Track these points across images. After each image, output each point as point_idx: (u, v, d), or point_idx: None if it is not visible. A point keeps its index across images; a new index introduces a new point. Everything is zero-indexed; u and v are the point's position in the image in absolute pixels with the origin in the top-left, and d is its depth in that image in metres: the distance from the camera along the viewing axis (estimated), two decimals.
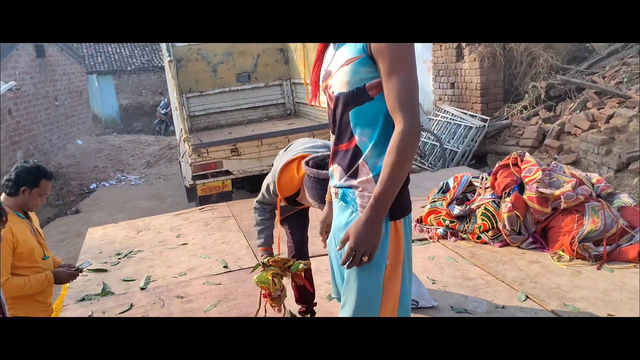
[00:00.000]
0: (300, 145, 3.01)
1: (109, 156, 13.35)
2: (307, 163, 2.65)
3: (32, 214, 3.08)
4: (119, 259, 4.50)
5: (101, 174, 11.66)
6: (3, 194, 2.91)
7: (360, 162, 1.74)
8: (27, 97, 11.15)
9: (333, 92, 1.80)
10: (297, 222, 3.17)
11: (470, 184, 4.48)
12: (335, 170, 1.84)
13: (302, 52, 7.36)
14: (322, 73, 1.91)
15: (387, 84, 1.66)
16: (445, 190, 4.62)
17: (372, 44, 1.67)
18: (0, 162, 9.23)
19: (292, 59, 8.05)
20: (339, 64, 1.77)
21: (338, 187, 1.82)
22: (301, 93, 7.95)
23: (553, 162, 4.40)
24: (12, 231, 2.76)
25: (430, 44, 9.69)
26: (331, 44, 1.88)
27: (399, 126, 1.64)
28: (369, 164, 1.72)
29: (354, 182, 1.75)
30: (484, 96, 8.55)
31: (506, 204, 3.97)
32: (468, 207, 4.25)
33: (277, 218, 3.08)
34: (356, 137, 1.76)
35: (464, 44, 8.71)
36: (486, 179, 4.37)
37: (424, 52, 9.98)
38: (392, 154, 1.61)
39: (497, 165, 4.40)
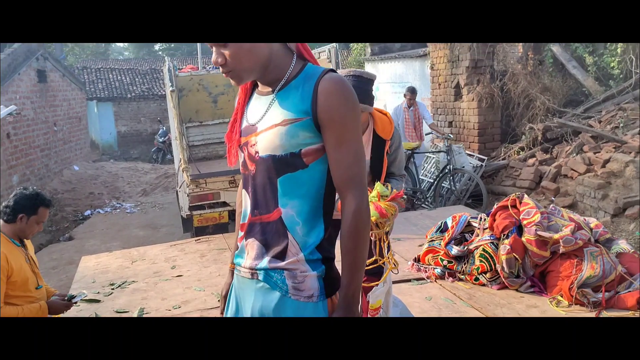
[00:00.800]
0: None
1: (105, 183, 13.32)
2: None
3: (27, 242, 3.05)
4: (112, 289, 4.44)
5: (96, 201, 11.61)
6: (0, 221, 2.89)
7: (289, 241, 1.51)
8: (26, 121, 11.18)
9: (257, 153, 1.55)
10: None
11: (469, 224, 4.47)
12: (249, 246, 1.58)
13: None
14: (243, 125, 1.63)
15: (336, 154, 1.49)
16: (443, 229, 4.60)
17: (320, 107, 1.48)
18: None
19: None
20: (272, 121, 1.53)
21: (257, 269, 1.55)
22: None
23: (551, 205, 4.40)
24: (7, 259, 2.73)
25: (429, 82, 9.82)
26: (256, 93, 1.64)
27: (351, 204, 1.47)
28: (298, 242, 1.51)
29: (281, 263, 1.51)
30: (482, 136, 8.63)
31: (505, 246, 3.95)
32: (466, 247, 4.23)
33: None
34: (281, 209, 1.53)
35: (462, 84, 8.83)
36: (485, 219, 4.36)
37: (423, 90, 10.10)
38: (353, 239, 1.46)
39: (495, 206, 4.40)
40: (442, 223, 4.69)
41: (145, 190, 12.69)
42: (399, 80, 11.26)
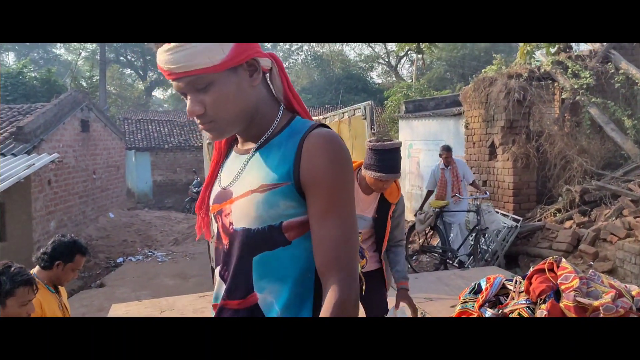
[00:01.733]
0: None
1: (138, 231, 13.49)
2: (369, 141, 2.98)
3: (61, 289, 3.09)
4: None
5: (129, 249, 11.74)
6: (37, 267, 2.94)
7: None
8: (67, 169, 11.52)
9: (231, 225, 1.29)
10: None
11: (504, 286, 4.34)
12: None
13: (336, 128, 7.50)
14: (215, 190, 1.37)
15: (319, 228, 1.20)
16: (477, 291, 4.48)
17: (303, 169, 1.22)
18: (34, 232, 9.40)
19: None
20: (247, 186, 1.27)
21: None
22: None
23: (591, 271, 4.26)
24: (42, 305, 2.76)
25: (463, 141, 9.81)
26: (234, 152, 1.38)
27: (335, 293, 1.16)
28: None
29: None
30: (517, 196, 8.51)
31: (542, 311, 3.81)
32: (501, 311, 4.10)
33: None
34: (257, 295, 1.26)
35: (497, 144, 8.79)
36: (520, 282, 4.23)
37: (457, 149, 10.08)
38: None
39: (531, 269, 4.28)
40: (475, 284, 4.57)
41: (177, 240, 12.80)
42: (432, 137, 11.28)
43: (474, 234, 7.57)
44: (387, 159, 2.91)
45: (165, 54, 1.22)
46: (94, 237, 12.07)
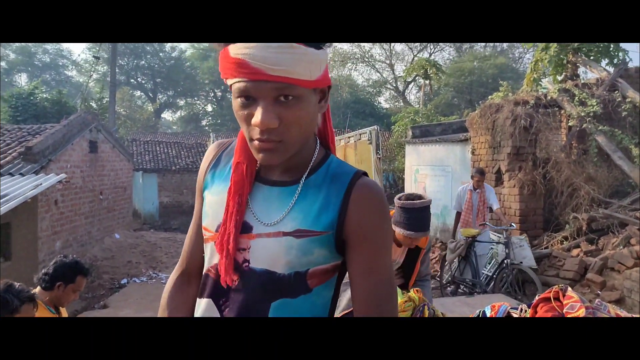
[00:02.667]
0: None
1: (143, 252, 13.48)
2: (399, 198, 2.97)
3: (62, 310, 3.08)
4: None
5: (134, 270, 11.72)
6: (38, 287, 2.94)
7: None
8: (74, 189, 11.57)
9: (246, 262, 1.17)
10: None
11: (508, 314, 4.29)
12: None
13: (342, 152, 7.51)
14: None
15: (365, 282, 1.14)
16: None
17: (352, 222, 1.14)
18: (39, 252, 9.41)
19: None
20: (280, 226, 1.15)
21: None
22: None
23: (597, 300, 4.20)
24: None
25: (469, 167, 9.80)
26: (258, 182, 1.20)
27: None
28: None
29: None
30: (523, 223, 8.46)
31: None
32: None
33: None
34: None
35: (503, 170, 8.77)
36: (526, 310, 4.18)
37: (462, 174, 10.07)
38: None
39: (537, 297, 4.23)
40: (480, 312, 4.52)
41: None
42: (439, 163, 11.28)
43: (500, 269, 6.97)
44: (417, 218, 2.93)
45: (267, 50, 1.04)
46: (99, 257, 12.06)
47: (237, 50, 1.06)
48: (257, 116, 1.04)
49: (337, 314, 2.59)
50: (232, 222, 1.16)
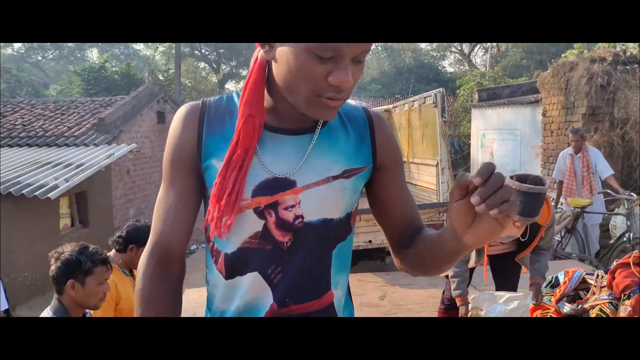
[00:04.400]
0: None
1: None
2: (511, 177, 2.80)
3: (136, 272, 3.18)
4: None
5: (202, 236, 12.06)
6: (113, 250, 3.05)
7: None
8: (144, 159, 11.98)
9: (298, 218, 1.13)
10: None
11: (584, 280, 4.13)
12: None
13: (406, 131, 7.38)
14: (257, 179, 1.12)
15: (405, 194, 1.23)
16: (554, 285, 4.29)
17: (382, 151, 1.21)
18: (114, 219, 9.85)
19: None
20: (324, 172, 1.14)
21: None
22: None
23: None
24: (117, 286, 2.86)
25: (540, 130, 9.41)
26: (268, 132, 1.15)
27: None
28: None
29: None
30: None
31: (625, 308, 3.59)
32: (580, 306, 3.90)
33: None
34: (334, 291, 1.19)
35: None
36: (602, 277, 4.01)
37: (532, 137, 9.69)
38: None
39: (615, 262, 4.04)
40: (552, 278, 4.38)
41: None
42: (507, 127, 10.89)
43: (618, 243, 6.21)
44: (527, 202, 2.78)
45: None
46: None
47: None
48: (340, 74, 1.01)
49: None
50: (234, 173, 1.10)
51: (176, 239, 1.19)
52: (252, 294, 1.15)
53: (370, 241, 5.94)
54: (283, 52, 1.03)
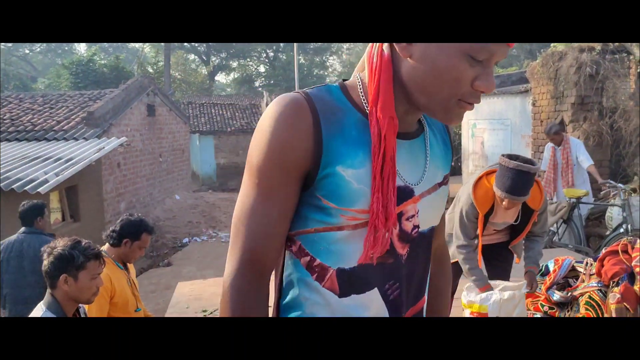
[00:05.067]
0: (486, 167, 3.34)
1: (203, 212, 13.87)
2: (502, 155, 2.92)
3: (130, 266, 3.20)
4: (204, 315, 4.55)
5: (194, 229, 12.09)
6: (107, 244, 3.05)
7: None
8: (135, 152, 11.93)
9: (415, 228, 1.10)
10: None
11: (573, 268, 4.18)
12: None
13: None
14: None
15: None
16: (544, 273, 4.33)
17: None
18: (105, 213, 9.82)
19: None
20: (433, 179, 1.12)
21: None
22: None
23: None
24: (111, 280, 2.87)
25: (530, 120, 9.46)
26: (399, 141, 1.06)
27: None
28: None
29: None
30: (589, 175, 8.14)
31: (614, 295, 3.64)
32: (570, 293, 3.95)
33: None
34: (425, 297, 1.19)
35: (567, 121, 8.42)
36: (591, 264, 4.06)
37: (522, 127, 9.74)
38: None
39: (603, 250, 4.09)
40: (542, 266, 4.42)
41: None
42: (497, 116, 10.94)
43: (614, 235, 6.15)
44: (515, 180, 2.83)
45: None
46: (161, 218, 12.49)
47: None
48: (489, 80, 0.98)
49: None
50: (392, 189, 1.02)
51: (272, 255, 1.06)
52: (370, 312, 1.07)
53: None
54: (428, 51, 0.96)
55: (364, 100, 1.05)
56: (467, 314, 3.29)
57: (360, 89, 1.06)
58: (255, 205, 1.04)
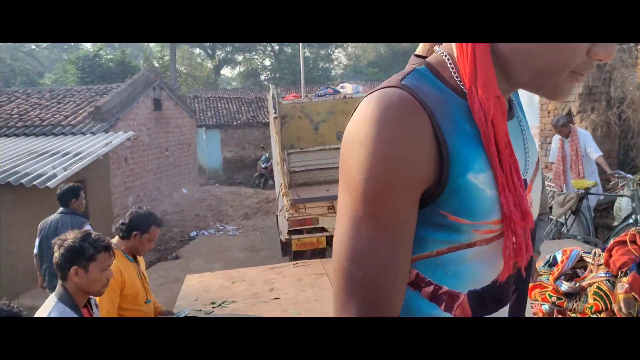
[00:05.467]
0: None
1: (210, 206, 13.91)
2: None
3: (140, 258, 3.22)
4: (213, 307, 4.58)
5: (202, 223, 12.13)
6: (116, 237, 3.08)
7: None
8: (142, 146, 11.97)
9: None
10: None
11: (581, 259, 4.17)
12: None
13: None
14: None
15: None
16: (552, 264, 4.33)
17: None
18: (113, 207, 9.87)
19: None
20: (533, 161, 0.97)
21: None
22: None
23: None
24: (121, 272, 2.89)
25: (538, 111, 9.43)
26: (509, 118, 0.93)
27: None
28: None
29: None
30: (597, 166, 8.11)
31: (622, 285, 3.64)
32: (578, 284, 3.95)
33: None
34: None
35: (574, 112, 8.38)
36: (599, 255, 4.05)
37: (530, 118, 9.69)
38: None
39: (612, 240, 4.08)
40: (550, 257, 4.42)
41: (247, 214, 13.10)
42: None
43: (623, 226, 5.97)
44: None
45: None
46: (168, 211, 12.54)
47: None
48: (608, 47, 0.82)
49: None
50: (518, 182, 0.86)
51: (400, 302, 0.84)
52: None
53: None
54: None
55: (458, 80, 0.86)
56: None
57: (452, 65, 0.88)
58: (375, 243, 0.80)
